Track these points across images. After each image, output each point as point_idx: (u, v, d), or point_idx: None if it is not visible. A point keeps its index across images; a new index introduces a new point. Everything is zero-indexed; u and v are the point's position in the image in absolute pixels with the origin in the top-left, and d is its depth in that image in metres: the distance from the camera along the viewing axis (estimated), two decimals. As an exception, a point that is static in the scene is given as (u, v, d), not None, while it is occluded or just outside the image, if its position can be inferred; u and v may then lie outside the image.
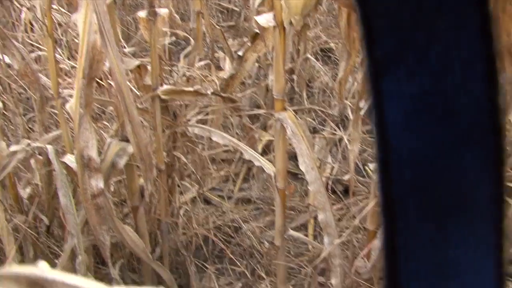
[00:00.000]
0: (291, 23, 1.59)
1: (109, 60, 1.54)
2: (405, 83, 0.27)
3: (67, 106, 1.64)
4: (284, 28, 1.56)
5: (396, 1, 0.26)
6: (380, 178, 0.28)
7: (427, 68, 0.26)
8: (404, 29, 0.26)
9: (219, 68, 3.53)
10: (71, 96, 1.84)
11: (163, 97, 1.91)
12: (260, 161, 1.91)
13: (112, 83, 1.64)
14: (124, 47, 3.19)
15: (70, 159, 1.81)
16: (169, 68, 2.86)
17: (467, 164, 0.27)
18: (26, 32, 2.77)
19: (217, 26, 3.44)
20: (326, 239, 1.82)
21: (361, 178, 3.00)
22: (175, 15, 3.19)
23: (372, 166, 1.76)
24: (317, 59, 3.66)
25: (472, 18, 0.26)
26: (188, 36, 3.66)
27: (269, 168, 1.87)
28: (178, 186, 2.42)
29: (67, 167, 1.82)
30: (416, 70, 0.26)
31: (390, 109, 0.27)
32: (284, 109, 1.70)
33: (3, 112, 2.23)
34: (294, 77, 3.38)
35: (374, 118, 0.28)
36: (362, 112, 2.24)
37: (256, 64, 3.36)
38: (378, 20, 0.26)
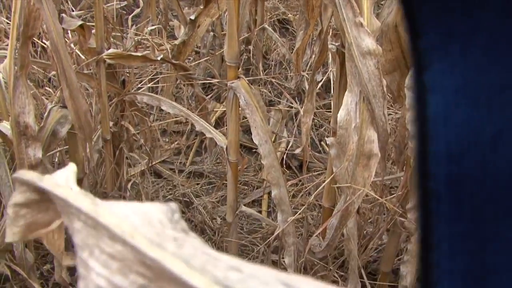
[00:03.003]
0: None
1: (45, 17, 1.40)
2: (449, 75, 0.26)
3: (0, 66, 1.50)
4: (239, -11, 1.45)
5: None
6: (418, 171, 0.28)
7: (471, 60, 0.26)
8: (450, 20, 0.26)
9: (173, 37, 3.39)
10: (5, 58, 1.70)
11: (108, 61, 1.78)
12: (212, 132, 1.80)
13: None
14: (72, 10, 3.02)
15: (5, 126, 1.67)
16: (120, 34, 2.72)
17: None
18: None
19: (171, -8, 3.29)
20: (279, 216, 1.73)
21: (317, 154, 2.93)
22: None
23: (329, 141, 1.68)
24: (274, 30, 3.55)
25: None
26: (141, 1, 3.51)
27: (221, 140, 1.77)
28: (127, 158, 2.30)
29: (2, 135, 1.68)
30: (460, 62, 0.26)
31: (433, 102, 0.27)
32: (238, 77, 1.59)
33: None
34: (251, 47, 3.27)
35: (415, 111, 0.27)
36: (318, 85, 2.15)
37: (211, 33, 3.24)
38: (423, 11, 0.26)
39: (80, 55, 2.13)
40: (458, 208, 0.27)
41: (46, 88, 2.31)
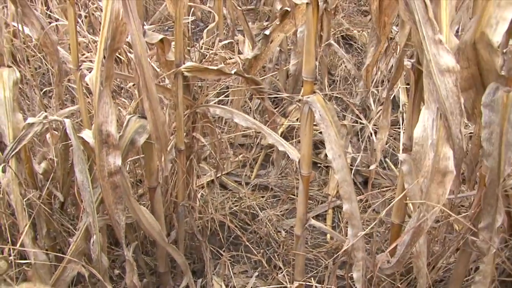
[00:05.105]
0: (325, 0, 1.51)
1: (131, 31, 1.46)
2: None
3: (87, 78, 1.57)
4: (318, 5, 1.48)
5: None
6: None
7: None
8: None
9: (238, 51, 3.46)
10: (89, 70, 1.78)
11: (186, 74, 1.83)
12: (284, 145, 1.83)
13: (132, 57, 1.56)
14: (143, 24, 3.12)
15: (87, 134, 1.74)
16: (188, 48, 2.79)
17: None
18: (45, 4, 2.70)
19: (238, 8, 3.36)
20: (350, 231, 1.74)
21: (381, 170, 2.92)
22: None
23: (401, 157, 1.69)
24: (339, 46, 3.57)
25: None
26: (207, 16, 3.59)
27: (293, 154, 1.80)
28: (195, 169, 2.35)
29: (84, 142, 1.75)
30: None
31: None
32: (313, 92, 1.62)
33: (19, 86, 2.16)
34: (316, 63, 3.29)
35: None
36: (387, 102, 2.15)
37: (278, 48, 3.29)
38: None
39: (155, 67, 2.20)
40: None
41: (121, 98, 2.39)
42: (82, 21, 2.64)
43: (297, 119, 3.11)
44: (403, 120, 2.87)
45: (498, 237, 1.67)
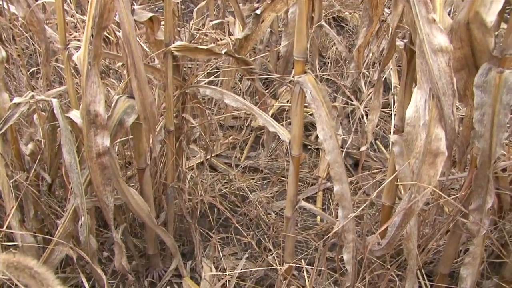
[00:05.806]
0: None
1: (119, 9, 1.43)
2: None
3: (75, 56, 1.54)
4: (310, -16, 1.46)
5: None
6: None
7: None
8: None
9: (228, 33, 3.42)
10: (77, 49, 1.74)
11: (175, 53, 1.80)
12: (275, 126, 1.81)
13: (121, 35, 1.53)
14: (133, 4, 3.07)
15: (75, 115, 1.71)
16: (178, 29, 2.76)
17: None
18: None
19: (229, -12, 3.32)
20: (340, 212, 1.73)
21: (372, 153, 2.92)
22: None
23: (392, 138, 1.67)
24: (330, 28, 3.54)
25: None
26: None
27: (284, 135, 1.78)
28: (185, 150, 2.33)
29: (72, 122, 1.73)
30: None
31: None
32: (305, 72, 1.60)
33: (6, 66, 2.12)
34: (307, 45, 3.27)
35: None
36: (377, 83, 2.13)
37: (268, 30, 3.25)
38: None
39: (144, 47, 2.17)
40: None
41: (110, 79, 2.36)
42: (70, 0, 2.60)
43: (287, 101, 3.09)
44: (394, 103, 2.86)
45: (488, 219, 1.67)
